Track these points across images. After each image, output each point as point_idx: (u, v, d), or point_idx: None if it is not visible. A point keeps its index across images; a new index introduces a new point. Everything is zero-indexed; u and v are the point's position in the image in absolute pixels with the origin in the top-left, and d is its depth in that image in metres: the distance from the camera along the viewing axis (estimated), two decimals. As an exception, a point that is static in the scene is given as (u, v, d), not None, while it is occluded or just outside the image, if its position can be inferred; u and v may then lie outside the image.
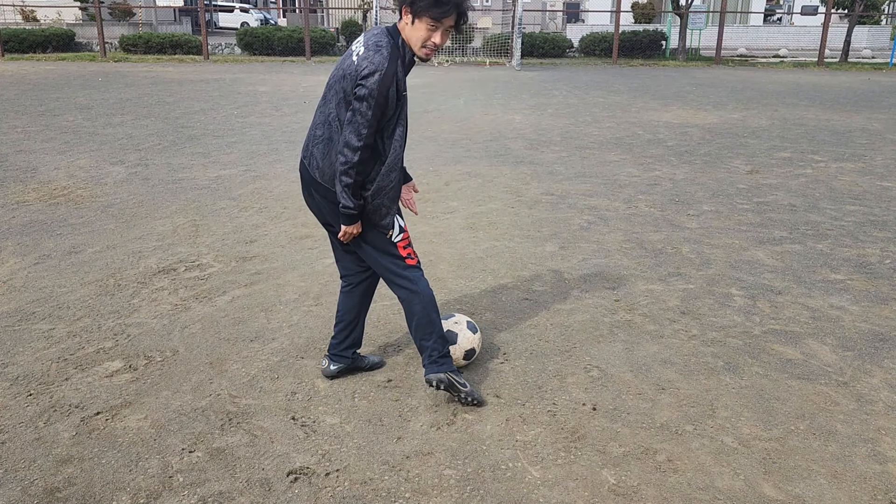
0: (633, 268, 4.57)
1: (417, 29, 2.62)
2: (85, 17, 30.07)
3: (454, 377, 2.89)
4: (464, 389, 2.90)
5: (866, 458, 2.65)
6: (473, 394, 2.93)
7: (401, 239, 2.85)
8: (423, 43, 2.65)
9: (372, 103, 2.57)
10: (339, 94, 2.70)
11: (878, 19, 33.71)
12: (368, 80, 2.56)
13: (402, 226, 2.87)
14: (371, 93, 2.56)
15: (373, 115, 2.58)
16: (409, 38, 2.66)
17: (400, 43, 2.68)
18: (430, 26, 2.61)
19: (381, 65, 2.57)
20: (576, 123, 10.40)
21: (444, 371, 2.88)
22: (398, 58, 2.64)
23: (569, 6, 48.11)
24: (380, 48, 2.61)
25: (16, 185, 6.40)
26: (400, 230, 2.85)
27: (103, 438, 2.69)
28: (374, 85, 2.55)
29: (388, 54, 2.60)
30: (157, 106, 11.51)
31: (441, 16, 2.59)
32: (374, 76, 2.55)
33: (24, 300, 3.94)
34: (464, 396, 2.91)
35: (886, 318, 3.86)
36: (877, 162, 7.96)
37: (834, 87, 16.08)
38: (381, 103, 2.58)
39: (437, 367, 2.89)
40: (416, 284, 2.88)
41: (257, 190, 6.37)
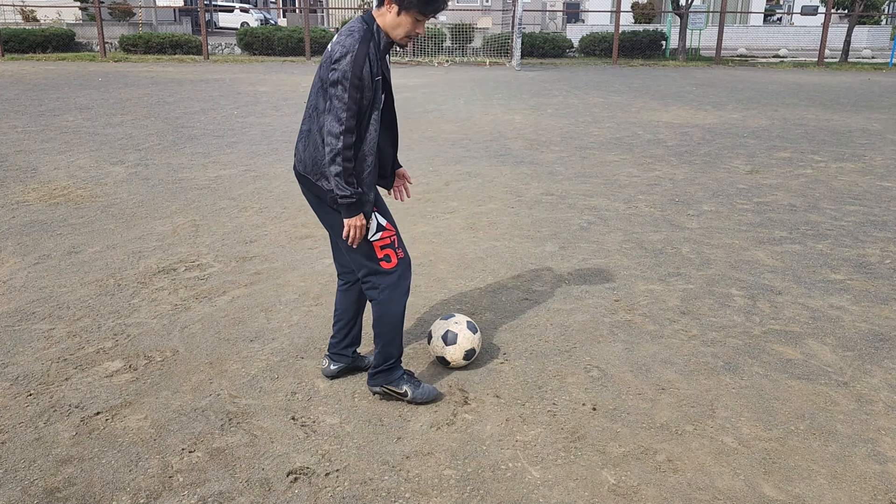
0: (633, 268, 4.57)
1: (403, 20, 2.64)
2: (85, 17, 30.07)
3: (392, 388, 2.94)
4: (405, 398, 2.93)
5: (866, 458, 2.65)
6: (416, 399, 2.94)
7: (378, 238, 2.78)
8: (406, 33, 2.67)
9: (347, 86, 2.56)
10: (318, 84, 2.70)
11: (878, 19, 33.70)
12: (340, 63, 2.56)
13: (381, 223, 2.78)
14: (345, 75, 2.55)
15: (350, 98, 2.57)
16: (389, 27, 2.67)
17: (375, 28, 2.68)
18: (417, 20, 2.64)
19: (351, 46, 2.57)
20: (576, 123, 10.40)
21: (378, 385, 2.95)
22: (370, 41, 2.63)
23: (569, 6, 48.11)
24: (351, 32, 2.63)
25: (16, 185, 6.40)
26: (378, 228, 2.77)
27: (103, 438, 2.69)
28: (347, 66, 2.55)
29: (360, 37, 2.61)
30: (157, 106, 11.51)
31: (430, 12, 2.64)
32: (345, 58, 2.56)
33: (24, 300, 3.94)
34: (408, 401, 2.94)
35: (886, 318, 3.86)
36: (877, 162, 7.96)
37: (834, 87, 16.08)
38: (356, 84, 2.57)
39: (371, 381, 2.97)
40: (381, 294, 2.83)
41: (257, 190, 6.37)
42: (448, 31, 25.36)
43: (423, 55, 23.96)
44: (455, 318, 3.20)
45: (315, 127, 2.72)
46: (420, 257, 4.70)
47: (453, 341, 3.12)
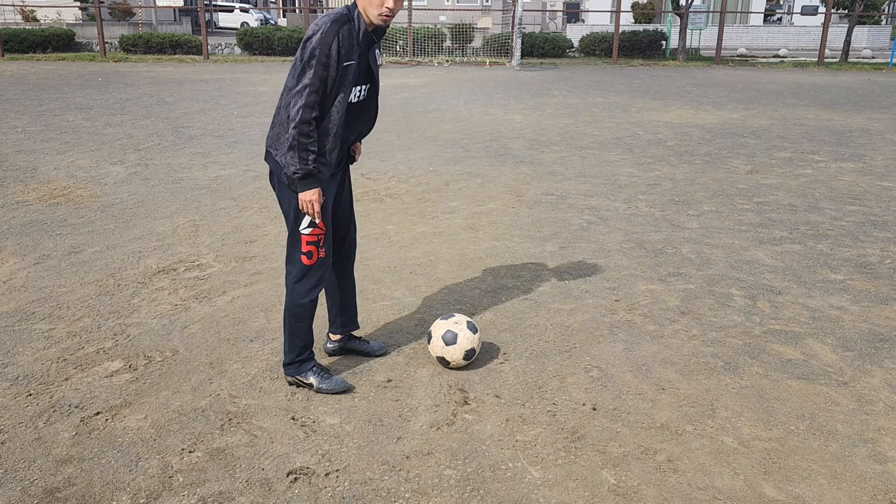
0: (633, 268, 4.57)
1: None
2: (85, 17, 30.07)
3: (301, 379, 3.03)
4: (312, 388, 3.01)
5: (866, 458, 2.65)
6: (323, 390, 3.00)
7: (308, 233, 2.84)
8: (378, 9, 2.70)
9: (313, 63, 2.62)
10: (293, 63, 2.75)
11: (878, 19, 33.70)
12: (311, 40, 2.63)
13: (314, 221, 2.83)
14: (312, 52, 2.63)
15: (314, 74, 2.62)
16: (365, 7, 2.72)
17: (355, 14, 2.74)
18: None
19: (323, 24, 2.64)
20: (576, 123, 10.40)
21: (290, 375, 3.04)
22: (345, 23, 2.68)
23: (569, 6, 48.11)
24: (328, 14, 2.71)
25: (16, 185, 6.40)
26: (311, 224, 2.83)
27: (103, 438, 2.69)
28: (316, 43, 2.61)
29: (333, 18, 2.67)
30: (157, 106, 11.51)
31: None
32: (315, 35, 2.62)
33: (24, 300, 3.94)
34: (315, 390, 3.02)
35: (886, 318, 3.86)
36: (877, 162, 7.96)
37: (834, 87, 16.08)
38: (322, 62, 2.62)
39: (285, 370, 3.05)
40: (290, 284, 2.93)
41: (257, 190, 6.37)
42: (448, 31, 25.35)
43: (423, 55, 23.95)
44: (455, 318, 3.20)
45: (283, 102, 2.77)
46: (420, 257, 4.70)
47: (453, 341, 3.12)
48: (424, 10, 30.22)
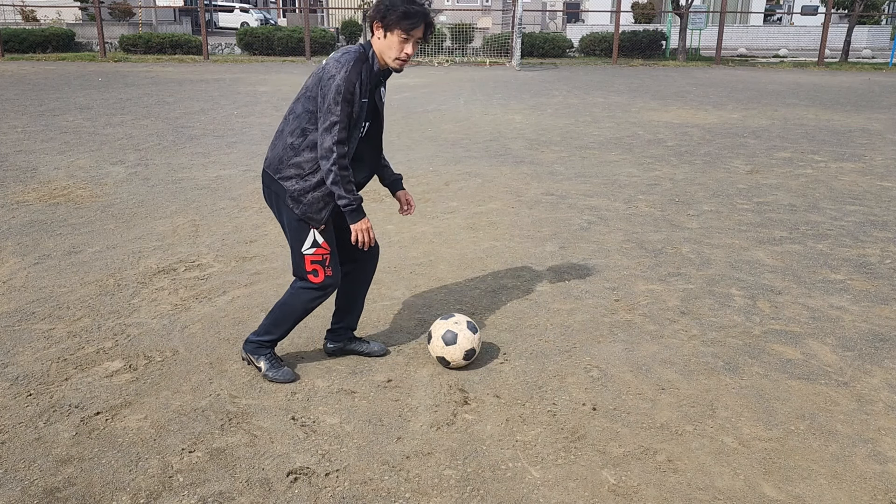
0: (633, 268, 4.57)
1: (390, 41, 2.84)
2: (85, 17, 30.07)
3: (253, 359, 3.14)
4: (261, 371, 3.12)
5: (866, 458, 2.65)
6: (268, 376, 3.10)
7: (311, 252, 2.95)
8: (396, 54, 2.85)
9: (339, 99, 2.74)
10: (303, 91, 2.93)
11: (878, 19, 33.70)
12: (335, 79, 2.75)
13: (317, 241, 2.94)
14: (338, 89, 2.74)
15: (342, 111, 2.75)
16: (382, 51, 2.87)
17: (370, 54, 2.88)
18: (402, 38, 2.81)
19: (346, 63, 2.77)
20: (576, 123, 10.40)
21: (247, 351, 3.16)
22: (363, 62, 2.83)
23: (569, 6, 48.10)
24: (347, 51, 2.84)
25: (16, 185, 6.40)
26: (314, 244, 2.94)
27: (103, 438, 2.69)
28: (341, 81, 2.74)
29: (355, 57, 2.81)
30: (157, 106, 11.51)
31: (411, 27, 2.81)
32: (340, 73, 2.75)
33: (24, 300, 3.94)
34: (262, 375, 3.12)
35: (886, 318, 3.86)
36: (877, 162, 7.96)
37: (834, 87, 16.08)
38: (347, 99, 2.77)
39: (245, 345, 3.16)
40: (296, 286, 3.03)
41: (257, 190, 6.37)
42: (448, 31, 25.35)
43: (423, 55, 23.95)
44: (455, 318, 3.20)
45: (287, 129, 2.91)
46: (420, 257, 4.70)
47: (453, 341, 3.12)
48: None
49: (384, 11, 2.81)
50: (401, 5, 2.80)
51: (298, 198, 2.89)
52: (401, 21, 2.79)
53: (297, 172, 2.88)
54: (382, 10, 2.81)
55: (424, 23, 2.84)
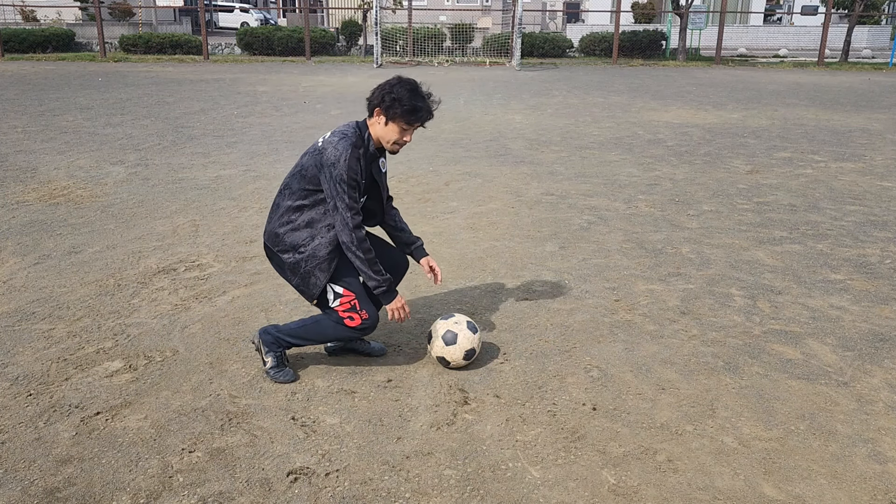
0: (633, 268, 4.57)
1: (390, 129, 2.91)
2: (85, 17, 30.08)
3: (262, 350, 3.09)
4: (265, 366, 3.10)
5: (866, 458, 2.65)
6: (270, 373, 3.09)
7: (337, 304, 2.97)
8: (395, 141, 2.93)
9: (345, 187, 2.84)
10: (298, 168, 2.98)
11: (878, 19, 33.70)
12: (336, 167, 2.82)
13: (338, 292, 2.97)
14: (341, 178, 2.83)
15: (349, 198, 2.85)
16: (380, 136, 2.94)
17: (366, 136, 2.95)
18: (404, 128, 2.90)
19: (344, 150, 2.84)
20: (576, 123, 10.40)
21: (260, 341, 3.09)
22: (360, 147, 2.90)
23: (569, 6, 48.10)
24: (344, 135, 2.90)
25: (16, 185, 6.40)
26: (336, 296, 2.97)
27: (103, 438, 2.69)
28: (343, 170, 2.82)
29: (352, 142, 2.87)
30: (157, 106, 11.51)
31: (414, 122, 2.90)
32: (339, 162, 2.82)
33: (24, 300, 3.94)
34: (265, 370, 3.11)
35: (886, 318, 3.86)
36: (877, 162, 7.96)
37: (834, 87, 16.08)
38: (352, 185, 2.85)
39: (262, 334, 3.09)
40: (333, 318, 3.01)
41: (257, 190, 6.37)
42: (448, 31, 25.35)
43: (423, 55, 23.96)
44: (455, 318, 3.20)
45: (284, 204, 2.99)
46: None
47: (453, 341, 3.11)
48: (424, 10, 30.22)
49: (389, 103, 2.85)
50: (407, 100, 2.86)
51: (294, 269, 2.99)
52: (406, 115, 2.86)
53: (293, 247, 2.98)
54: (388, 102, 2.86)
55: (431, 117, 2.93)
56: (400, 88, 2.86)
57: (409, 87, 2.88)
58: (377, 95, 2.91)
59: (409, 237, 3.27)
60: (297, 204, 2.95)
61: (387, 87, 2.89)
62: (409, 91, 2.87)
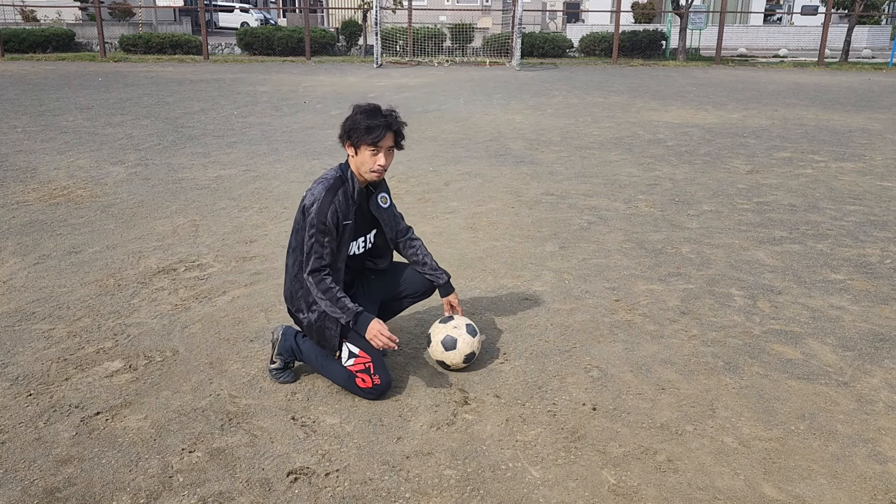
0: (633, 268, 4.57)
1: (362, 157, 2.90)
2: (85, 17, 30.09)
3: (275, 347, 3.07)
4: (270, 364, 3.12)
5: (866, 458, 2.65)
6: (272, 372, 3.10)
7: (351, 364, 2.93)
8: (371, 169, 2.92)
9: (314, 232, 2.84)
10: (295, 225, 3.00)
11: (878, 19, 33.70)
12: (310, 211, 2.85)
13: (353, 352, 2.93)
14: (311, 222, 2.84)
15: (316, 242, 2.84)
16: (357, 168, 2.95)
17: (349, 175, 2.96)
18: (372, 151, 2.88)
19: (319, 194, 2.86)
20: (576, 123, 10.40)
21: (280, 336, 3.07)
22: (339, 188, 2.90)
23: (569, 6, 48.10)
24: (323, 180, 2.93)
25: (16, 185, 6.40)
26: (350, 355, 2.93)
27: (103, 438, 2.69)
28: (314, 215, 2.83)
29: (328, 185, 2.89)
30: (157, 106, 11.51)
31: (377, 140, 2.86)
32: (312, 206, 2.84)
33: (24, 300, 3.94)
34: (269, 369, 3.12)
35: (886, 318, 3.86)
36: (877, 162, 7.96)
37: (834, 87, 16.08)
38: (321, 230, 2.84)
39: (286, 341, 3.06)
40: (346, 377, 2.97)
41: (257, 190, 6.37)
42: (448, 31, 25.36)
43: (423, 55, 23.96)
44: (454, 322, 3.18)
45: (290, 262, 3.02)
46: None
47: (452, 346, 3.10)
48: (424, 10, 30.22)
49: (348, 131, 2.89)
50: (362, 121, 2.87)
51: (309, 329, 2.99)
52: (364, 136, 2.85)
53: (307, 305, 2.98)
54: (347, 130, 2.90)
55: (390, 131, 2.90)
56: (356, 115, 2.90)
57: (364, 110, 2.90)
58: (340, 130, 2.95)
59: (430, 275, 3.23)
60: (300, 261, 2.95)
61: (346, 119, 2.93)
62: (364, 113, 2.89)
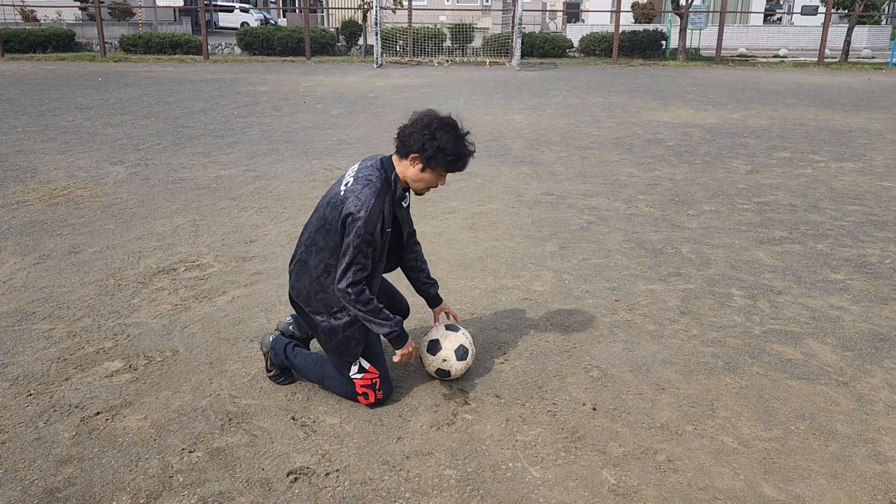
0: (633, 268, 4.57)
1: (427, 176, 2.72)
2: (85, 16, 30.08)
3: (269, 364, 3.05)
4: (268, 363, 3.07)
5: (866, 458, 2.65)
6: (276, 380, 3.07)
7: (359, 377, 2.87)
8: (428, 186, 2.77)
9: (359, 243, 2.62)
10: (321, 221, 2.76)
11: (878, 19, 33.70)
12: (357, 218, 2.60)
13: (364, 367, 2.86)
14: (357, 233, 2.60)
15: (361, 255, 2.64)
16: (411, 179, 2.73)
17: (392, 178, 2.72)
18: (441, 175, 2.73)
19: (367, 201, 2.61)
20: (576, 123, 10.40)
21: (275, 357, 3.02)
22: (386, 193, 2.68)
23: (569, 6, 48.09)
24: (369, 182, 2.66)
25: (16, 185, 6.40)
26: (361, 370, 2.86)
27: (103, 438, 2.69)
28: (361, 226, 2.60)
29: (376, 190, 2.64)
30: (157, 106, 11.51)
31: (457, 170, 2.73)
32: (360, 213, 2.60)
33: (24, 300, 3.94)
34: (266, 368, 3.09)
35: (886, 318, 3.86)
36: (877, 162, 7.96)
37: (834, 87, 16.08)
38: (367, 241, 2.63)
39: (277, 357, 3.01)
40: (345, 391, 2.92)
41: (257, 190, 6.37)
42: (448, 31, 25.35)
43: (423, 55, 23.96)
44: (443, 353, 3.00)
45: (312, 261, 2.78)
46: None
47: (447, 375, 3.04)
48: (424, 10, 30.22)
49: (433, 153, 2.63)
50: (452, 149, 2.64)
51: (330, 334, 2.82)
52: (450, 165, 2.68)
53: (327, 309, 2.80)
54: (430, 151, 2.63)
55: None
56: (443, 134, 2.63)
57: (453, 133, 2.65)
58: (416, 140, 2.65)
59: (425, 283, 3.12)
60: (326, 263, 2.75)
61: (427, 133, 2.63)
62: (454, 137, 2.65)
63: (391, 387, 2.96)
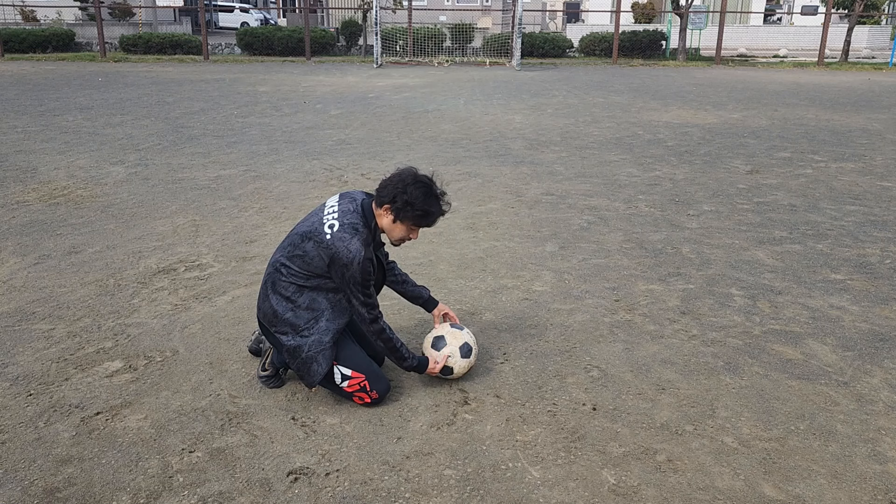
0: (633, 268, 4.57)
1: (398, 228, 2.83)
2: (85, 17, 30.09)
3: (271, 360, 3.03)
4: (263, 373, 3.06)
5: (866, 458, 2.65)
6: (267, 384, 3.05)
7: (346, 385, 2.88)
8: (401, 238, 2.88)
9: (360, 286, 2.75)
10: (294, 249, 2.83)
11: (878, 19, 33.70)
12: (350, 267, 2.71)
13: (345, 374, 2.87)
14: (354, 280, 2.73)
15: (364, 295, 2.77)
16: (385, 229, 2.87)
17: (373, 226, 2.85)
18: (411, 228, 2.85)
19: (357, 252, 2.72)
20: (576, 123, 10.40)
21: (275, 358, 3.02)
22: (370, 243, 2.81)
23: (569, 6, 48.09)
24: (356, 232, 2.76)
25: (16, 185, 6.40)
26: (343, 378, 2.87)
27: (103, 438, 2.69)
28: (358, 272, 2.72)
29: (363, 241, 2.75)
30: (157, 106, 11.51)
31: (425, 225, 2.86)
32: (353, 264, 2.71)
33: (24, 300, 3.94)
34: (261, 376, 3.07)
35: (886, 318, 3.86)
36: (877, 162, 7.96)
37: (834, 87, 16.08)
38: (366, 282, 2.76)
39: (278, 354, 3.00)
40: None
41: (257, 190, 6.37)
42: (448, 31, 25.36)
43: (423, 55, 23.96)
44: (448, 349, 3.03)
45: (281, 282, 2.85)
46: (420, 257, 4.70)
47: (449, 374, 3.05)
48: (424, 10, 30.22)
49: (401, 205, 2.75)
50: (420, 204, 2.75)
51: (295, 354, 2.84)
52: (417, 220, 2.80)
53: (294, 328, 2.84)
54: (399, 203, 2.74)
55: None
56: (414, 190, 2.74)
57: (424, 190, 2.76)
58: (389, 192, 2.76)
59: (414, 290, 3.22)
60: (299, 284, 2.82)
61: (400, 186, 2.74)
62: (424, 193, 2.75)
63: (386, 383, 2.95)
